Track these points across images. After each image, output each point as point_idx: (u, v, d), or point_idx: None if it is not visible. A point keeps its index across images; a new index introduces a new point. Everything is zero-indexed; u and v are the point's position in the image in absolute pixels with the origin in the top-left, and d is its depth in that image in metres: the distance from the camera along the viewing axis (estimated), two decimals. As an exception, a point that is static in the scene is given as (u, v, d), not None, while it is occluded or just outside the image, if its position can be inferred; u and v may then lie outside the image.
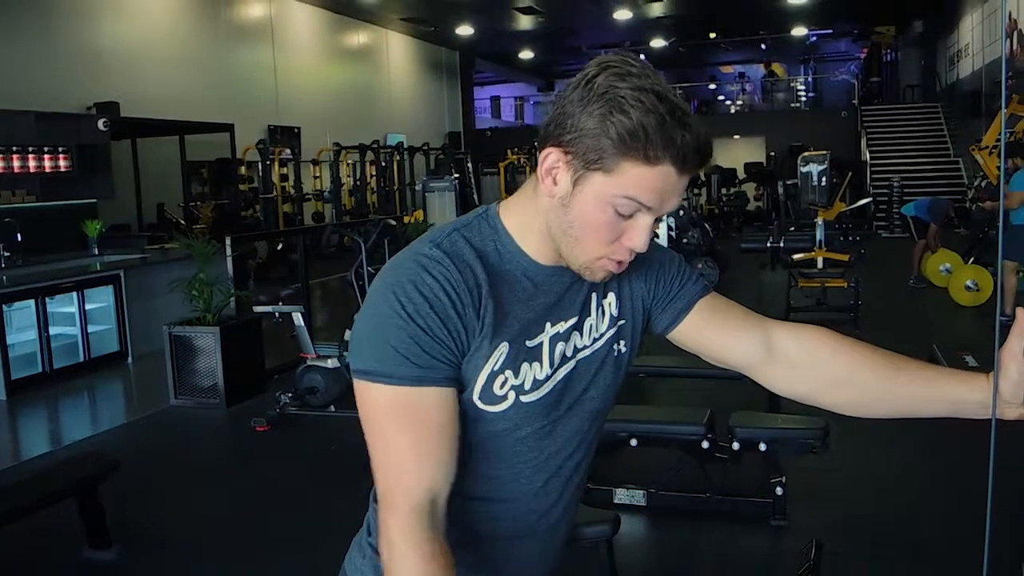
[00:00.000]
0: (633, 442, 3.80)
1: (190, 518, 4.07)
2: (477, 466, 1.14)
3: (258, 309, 5.89)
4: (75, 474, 3.65)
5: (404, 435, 1.03)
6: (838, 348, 1.22)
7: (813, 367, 1.23)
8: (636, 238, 1.06)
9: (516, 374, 1.11)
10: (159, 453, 5.05)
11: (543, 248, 1.12)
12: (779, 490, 3.71)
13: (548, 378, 1.14)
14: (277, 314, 5.72)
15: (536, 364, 1.12)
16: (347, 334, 5.48)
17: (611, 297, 1.22)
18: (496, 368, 1.09)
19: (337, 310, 9.88)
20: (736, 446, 3.70)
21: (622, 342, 1.23)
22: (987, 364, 1.13)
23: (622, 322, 1.22)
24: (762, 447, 3.66)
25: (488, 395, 1.10)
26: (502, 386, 1.10)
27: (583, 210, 1.04)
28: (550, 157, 1.06)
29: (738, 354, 1.25)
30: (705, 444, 3.75)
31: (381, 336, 1.04)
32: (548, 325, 1.14)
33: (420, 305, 1.03)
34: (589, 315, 1.19)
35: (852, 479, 4.27)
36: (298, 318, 5.53)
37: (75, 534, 3.63)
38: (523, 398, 1.12)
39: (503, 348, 1.09)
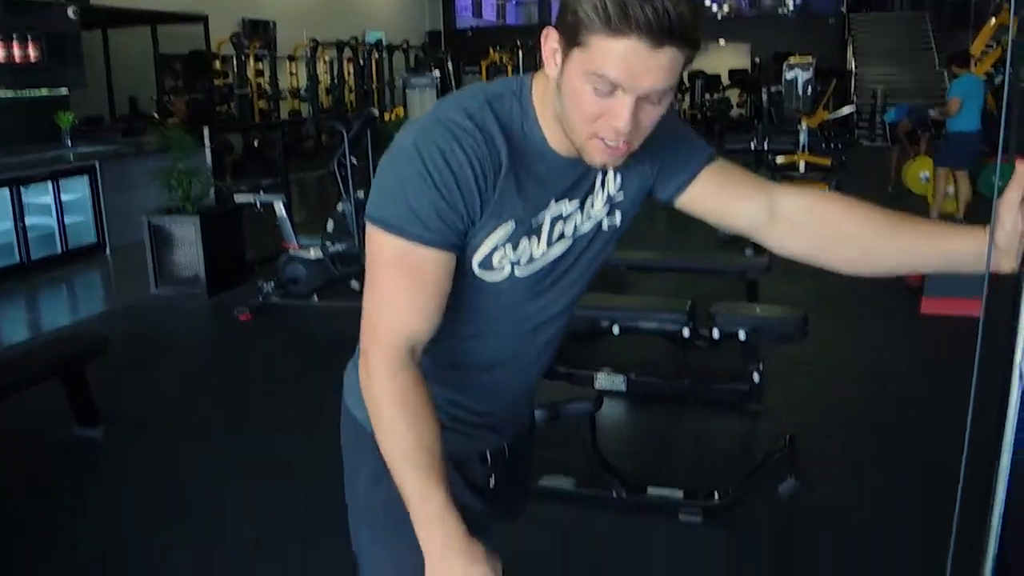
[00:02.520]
0: (615, 330, 3.86)
1: (175, 401, 4.12)
2: (467, 315, 1.21)
3: (239, 198, 5.84)
4: (62, 353, 3.67)
5: (401, 285, 1.10)
6: (838, 206, 1.25)
7: (814, 226, 1.25)
8: (617, 118, 1.05)
9: (515, 249, 1.16)
10: (142, 340, 5.06)
11: (559, 136, 1.14)
12: (756, 376, 3.80)
13: (543, 255, 1.19)
14: (258, 204, 5.67)
15: (535, 240, 1.18)
16: (329, 225, 5.46)
17: (612, 172, 1.23)
18: (499, 243, 1.15)
19: (317, 205, 9.80)
20: (716, 335, 3.76)
21: (617, 214, 1.26)
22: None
23: (619, 198, 1.25)
24: (742, 335, 3.73)
25: (487, 265, 1.16)
26: (501, 259, 1.16)
27: (569, 88, 1.06)
28: (551, 38, 1.07)
29: (743, 218, 1.28)
30: (686, 332, 3.81)
31: (402, 194, 1.09)
32: (553, 202, 1.18)
33: (445, 175, 1.08)
34: (592, 194, 1.22)
35: (828, 369, 4.39)
36: (279, 207, 5.49)
37: (63, 413, 3.67)
38: (518, 271, 1.18)
39: (509, 225, 1.14)
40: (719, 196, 1.27)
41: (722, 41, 22.20)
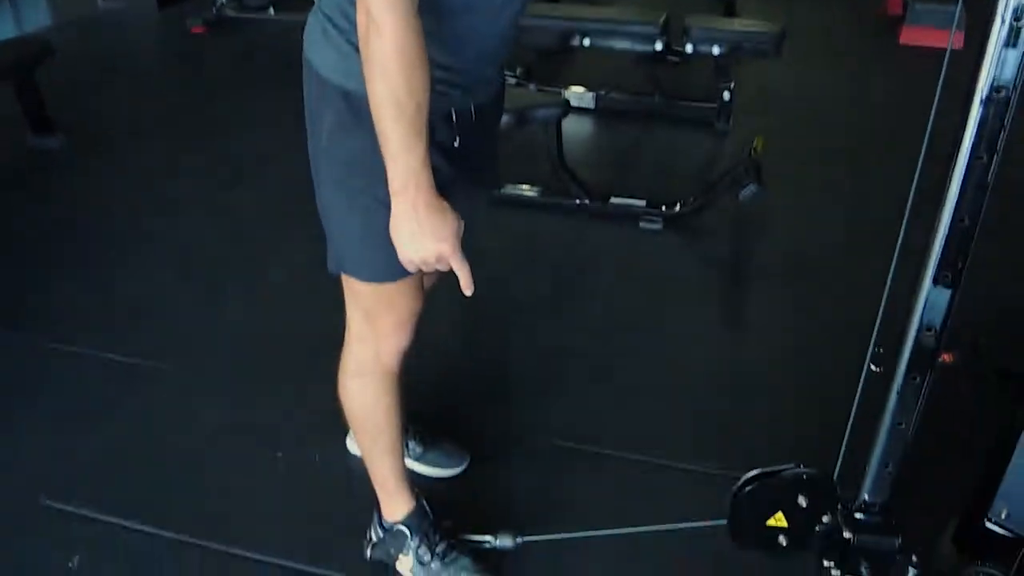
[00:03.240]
0: (586, 42, 3.71)
1: (129, 113, 4.00)
2: None
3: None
4: (7, 58, 3.51)
5: None
6: None
7: None
8: None
9: None
10: (92, 53, 4.83)
11: None
12: (727, 95, 3.75)
13: None
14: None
15: None
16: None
17: None
18: None
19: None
20: (689, 48, 3.64)
21: None
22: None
23: None
24: (716, 50, 3.61)
25: None
26: None
27: None
28: None
29: None
30: (659, 45, 3.67)
31: None
32: None
33: None
34: None
35: (801, 95, 4.33)
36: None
37: (17, 124, 3.56)
38: None
39: None
40: None
41: None
